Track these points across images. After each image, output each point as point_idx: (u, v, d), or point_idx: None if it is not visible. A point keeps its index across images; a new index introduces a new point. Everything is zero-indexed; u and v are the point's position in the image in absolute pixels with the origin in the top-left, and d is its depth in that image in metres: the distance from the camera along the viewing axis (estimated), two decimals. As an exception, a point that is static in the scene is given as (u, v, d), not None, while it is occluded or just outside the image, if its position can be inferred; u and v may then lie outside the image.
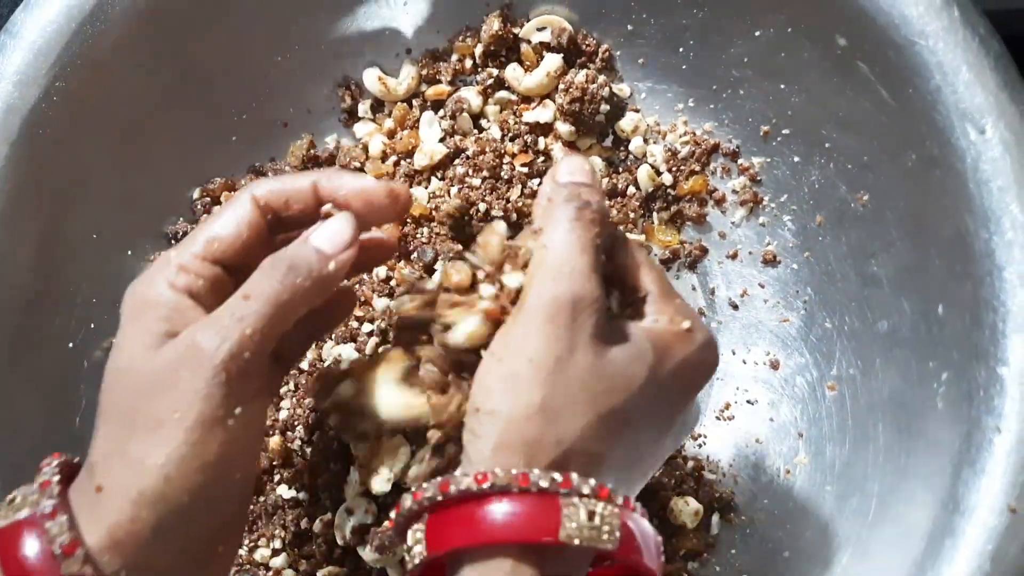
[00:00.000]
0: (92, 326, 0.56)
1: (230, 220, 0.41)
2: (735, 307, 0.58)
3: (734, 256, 0.59)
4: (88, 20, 0.53)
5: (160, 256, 0.42)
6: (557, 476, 0.34)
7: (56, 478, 0.37)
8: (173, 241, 0.59)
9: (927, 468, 0.46)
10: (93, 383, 0.55)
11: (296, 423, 0.55)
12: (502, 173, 0.59)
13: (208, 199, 0.60)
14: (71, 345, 0.55)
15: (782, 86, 0.55)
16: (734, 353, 0.58)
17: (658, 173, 0.59)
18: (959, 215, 0.46)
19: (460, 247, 0.58)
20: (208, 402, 0.36)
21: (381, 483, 0.52)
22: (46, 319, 0.54)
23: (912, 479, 0.47)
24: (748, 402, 0.57)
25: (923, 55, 0.47)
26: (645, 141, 0.60)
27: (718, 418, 0.57)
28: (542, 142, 0.60)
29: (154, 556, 0.36)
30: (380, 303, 0.58)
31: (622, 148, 0.60)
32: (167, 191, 0.59)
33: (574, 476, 0.34)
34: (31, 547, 0.34)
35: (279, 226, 0.42)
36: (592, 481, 0.34)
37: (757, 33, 0.54)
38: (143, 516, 0.35)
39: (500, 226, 0.41)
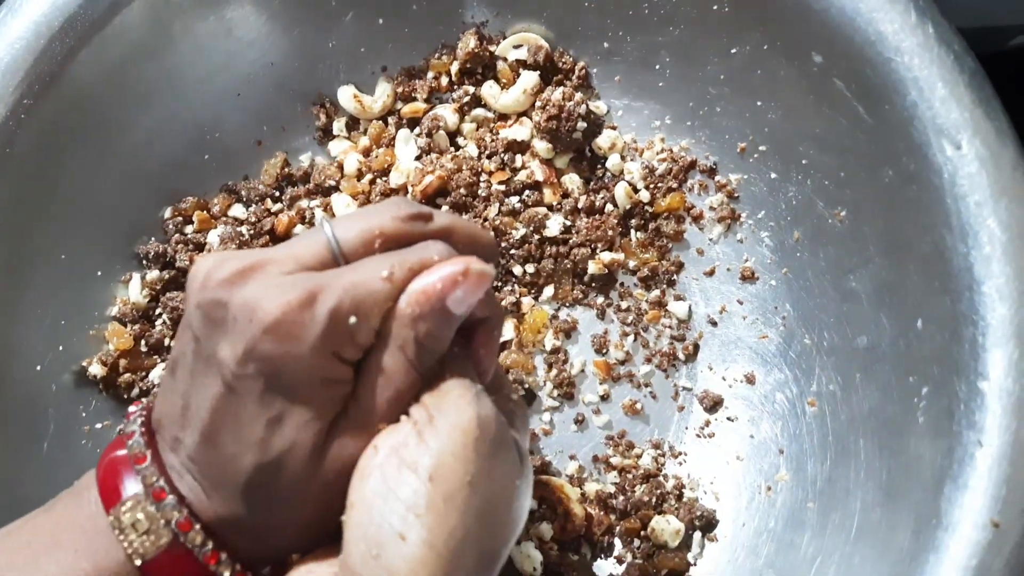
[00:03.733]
0: (60, 348, 0.54)
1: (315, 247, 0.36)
2: (714, 324, 0.58)
3: (711, 273, 0.59)
4: (57, 37, 0.52)
5: (335, 312, 0.33)
6: None
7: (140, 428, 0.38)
8: (144, 261, 0.58)
9: (909, 483, 0.46)
10: (62, 407, 0.54)
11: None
12: (479, 191, 0.58)
13: (180, 219, 0.59)
14: (39, 368, 0.53)
15: (758, 103, 0.55)
16: (712, 370, 0.58)
17: (635, 190, 0.59)
18: (936, 230, 0.46)
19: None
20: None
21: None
22: (12, 341, 0.53)
23: (894, 495, 0.47)
24: (728, 419, 0.57)
25: (899, 71, 0.47)
26: (622, 158, 0.60)
27: (698, 436, 0.57)
28: (519, 159, 0.60)
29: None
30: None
31: (599, 165, 0.60)
32: (138, 211, 0.58)
33: None
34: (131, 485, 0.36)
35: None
36: None
37: (733, 51, 0.54)
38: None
39: None
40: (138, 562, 0.35)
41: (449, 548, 0.31)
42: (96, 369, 0.55)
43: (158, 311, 0.58)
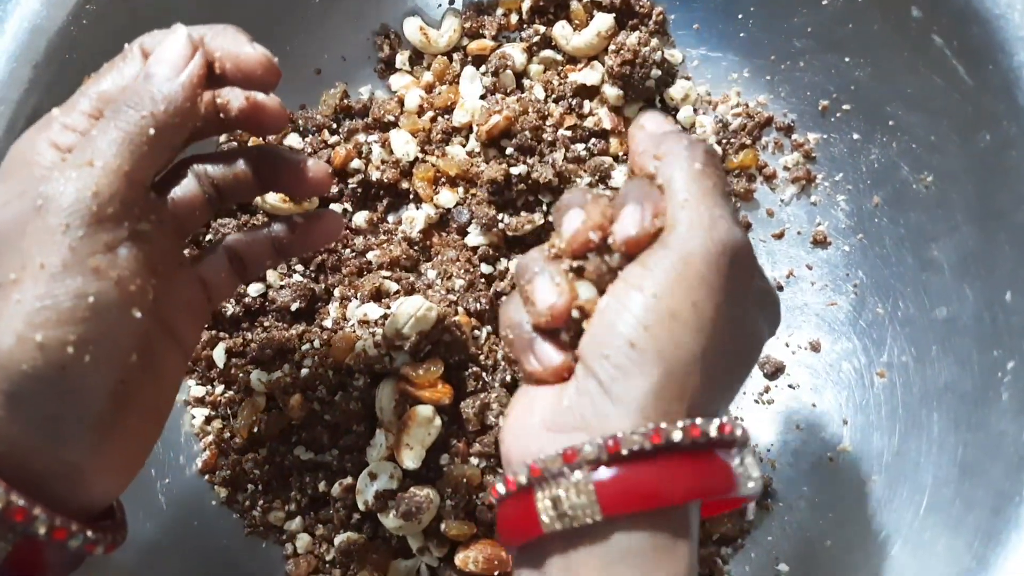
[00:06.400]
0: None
1: (120, 75, 0.38)
2: (779, 288, 0.56)
3: (780, 235, 0.56)
4: (122, -58, 0.50)
5: (45, 116, 0.38)
6: (720, 430, 0.33)
7: None
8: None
9: (988, 460, 0.44)
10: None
11: (318, 383, 0.52)
12: (545, 136, 0.56)
13: (235, 143, 0.57)
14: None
15: (846, 59, 0.53)
16: (775, 335, 0.56)
17: (706, 145, 0.57)
18: (1035, 198, 0.44)
19: (496, 212, 0.55)
20: (53, 253, 0.33)
21: (413, 459, 0.50)
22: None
23: (971, 471, 0.45)
24: (790, 386, 0.55)
25: (1008, 30, 0.45)
26: (695, 111, 0.57)
27: (757, 401, 0.55)
28: (587, 105, 0.57)
29: (9, 427, 0.33)
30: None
31: (670, 117, 0.58)
32: (193, 132, 0.56)
33: (731, 426, 0.33)
34: None
35: None
36: (739, 431, 0.34)
37: (824, 2, 0.52)
38: None
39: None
40: None
41: (676, 358, 0.33)
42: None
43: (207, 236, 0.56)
